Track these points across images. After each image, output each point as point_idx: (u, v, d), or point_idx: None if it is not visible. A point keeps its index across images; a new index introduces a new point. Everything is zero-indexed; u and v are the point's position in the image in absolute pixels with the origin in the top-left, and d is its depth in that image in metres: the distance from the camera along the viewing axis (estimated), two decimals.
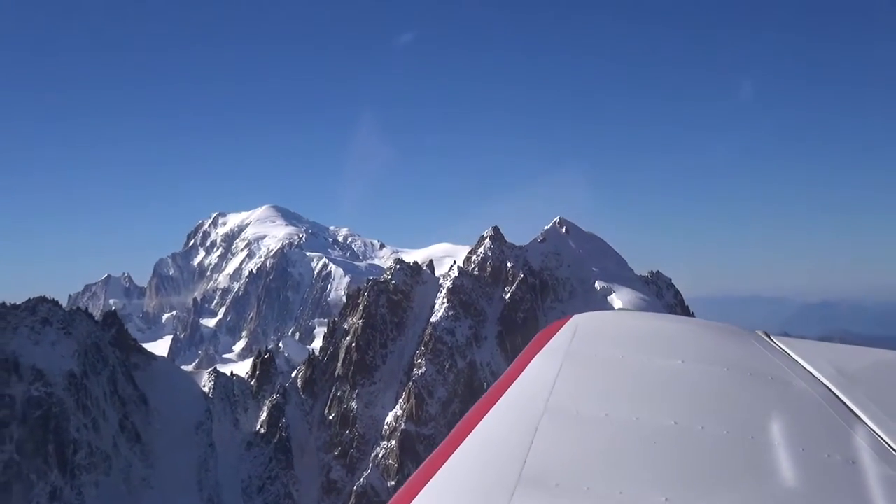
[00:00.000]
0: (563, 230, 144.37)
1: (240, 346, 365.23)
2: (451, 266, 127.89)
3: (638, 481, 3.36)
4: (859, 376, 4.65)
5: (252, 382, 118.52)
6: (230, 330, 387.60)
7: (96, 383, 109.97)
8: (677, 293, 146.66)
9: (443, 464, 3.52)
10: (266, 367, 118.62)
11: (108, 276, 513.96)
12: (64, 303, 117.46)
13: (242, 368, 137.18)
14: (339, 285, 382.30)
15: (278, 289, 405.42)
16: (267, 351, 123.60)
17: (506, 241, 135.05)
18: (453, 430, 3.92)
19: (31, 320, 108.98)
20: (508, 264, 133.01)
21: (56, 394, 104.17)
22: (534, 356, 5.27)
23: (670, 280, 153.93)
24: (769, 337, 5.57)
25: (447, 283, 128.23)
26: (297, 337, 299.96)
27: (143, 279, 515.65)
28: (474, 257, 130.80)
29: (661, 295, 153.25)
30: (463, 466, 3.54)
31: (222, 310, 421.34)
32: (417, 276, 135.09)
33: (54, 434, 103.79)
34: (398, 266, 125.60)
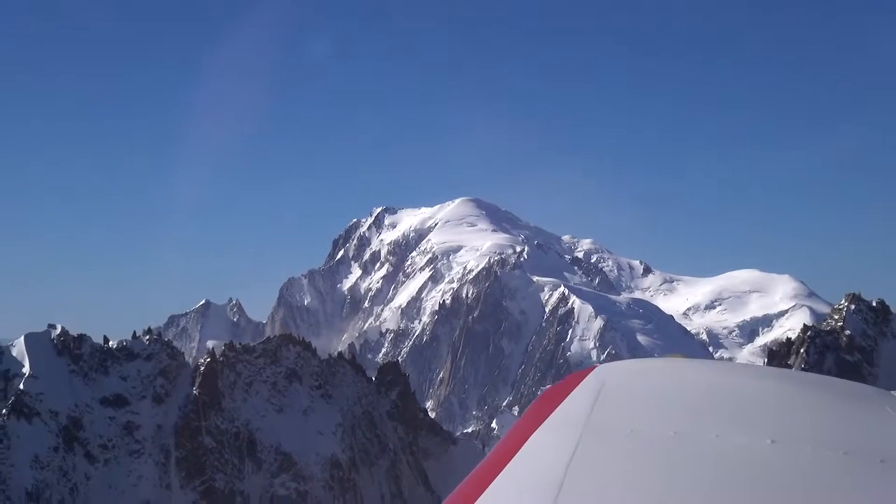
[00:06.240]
0: None
1: None
2: None
3: None
4: None
5: None
6: None
7: None
8: None
9: None
10: None
11: (207, 304, 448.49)
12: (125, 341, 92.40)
13: None
14: (588, 331, 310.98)
15: (486, 333, 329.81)
16: None
17: None
18: None
19: None
20: None
21: None
22: (541, 422, 4.51)
23: None
24: None
25: None
26: (516, 412, 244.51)
27: (260, 310, 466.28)
28: None
29: None
30: None
31: None
32: (885, 325, 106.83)
33: None
34: (853, 307, 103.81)
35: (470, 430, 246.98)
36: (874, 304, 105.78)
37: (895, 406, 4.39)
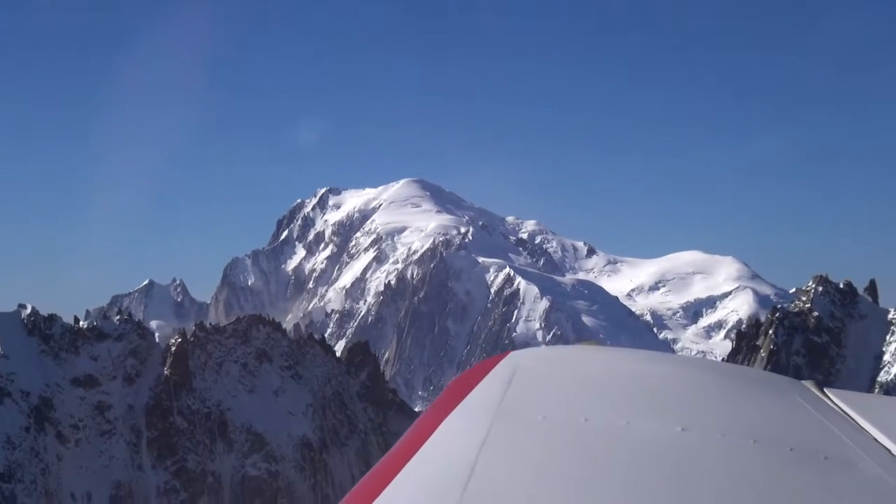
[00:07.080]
0: None
1: None
2: None
3: None
4: None
5: None
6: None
7: None
8: None
9: None
10: None
11: (151, 284, 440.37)
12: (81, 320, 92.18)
13: None
14: (533, 312, 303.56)
15: (431, 314, 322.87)
16: None
17: None
18: None
19: None
20: None
21: None
22: (453, 408, 4.36)
23: None
24: (822, 391, 4.52)
25: None
26: None
27: (204, 290, 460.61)
28: None
29: None
30: None
31: (339, 345, 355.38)
32: (852, 307, 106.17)
33: None
34: (821, 289, 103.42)
35: (416, 410, 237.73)
36: (841, 285, 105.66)
37: (805, 395, 4.51)
